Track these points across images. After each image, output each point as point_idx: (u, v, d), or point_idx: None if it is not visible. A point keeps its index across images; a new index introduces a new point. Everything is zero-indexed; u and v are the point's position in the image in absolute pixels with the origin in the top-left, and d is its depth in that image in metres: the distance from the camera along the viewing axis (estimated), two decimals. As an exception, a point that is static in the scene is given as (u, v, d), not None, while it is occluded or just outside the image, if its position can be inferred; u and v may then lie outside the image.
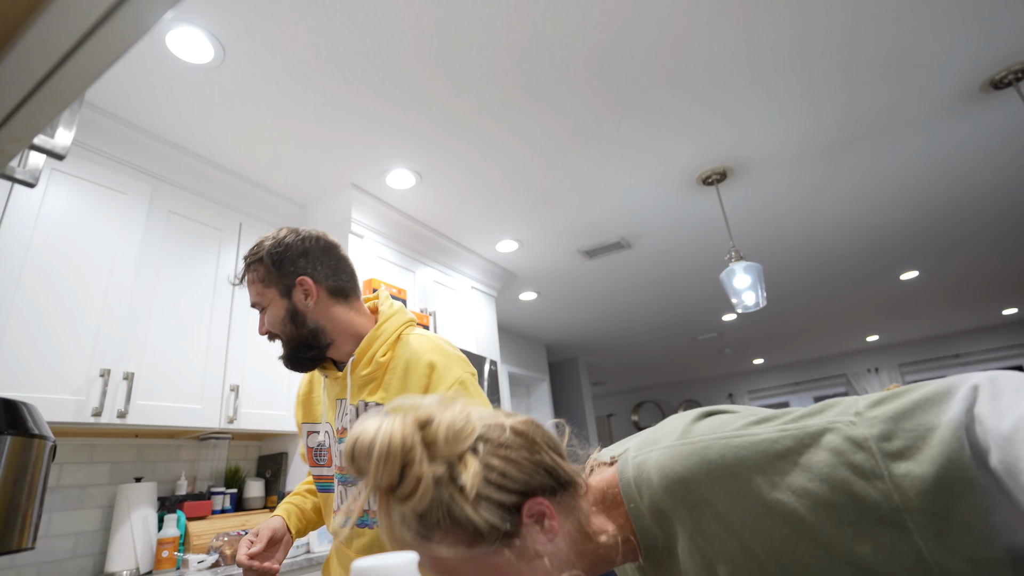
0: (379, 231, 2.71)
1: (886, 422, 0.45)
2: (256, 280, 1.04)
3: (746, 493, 0.48)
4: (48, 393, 1.59)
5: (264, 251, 1.04)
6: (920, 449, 0.43)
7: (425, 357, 1.01)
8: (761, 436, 0.49)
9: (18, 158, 0.52)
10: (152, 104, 1.91)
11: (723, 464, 0.50)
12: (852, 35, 1.89)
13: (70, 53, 0.30)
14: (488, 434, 0.54)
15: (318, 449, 1.08)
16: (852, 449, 0.45)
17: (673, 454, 0.54)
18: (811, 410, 0.50)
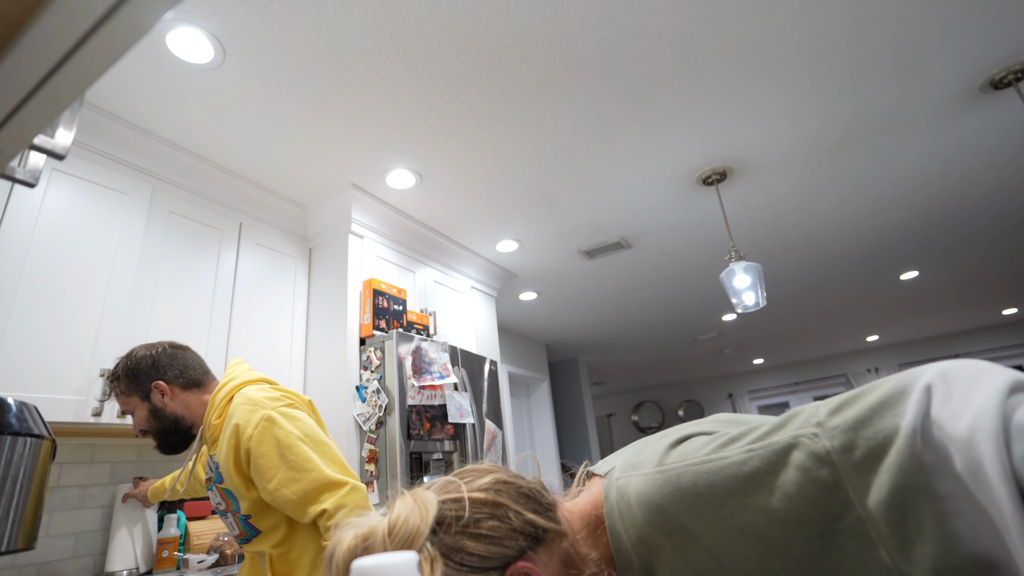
0: (379, 231, 2.71)
1: (846, 432, 0.45)
2: (120, 393, 1.27)
3: (720, 517, 0.49)
4: (48, 393, 1.59)
5: (120, 370, 1.27)
6: (879, 458, 0.43)
7: (234, 416, 1.23)
8: (729, 460, 0.50)
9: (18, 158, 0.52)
10: (152, 104, 1.91)
11: (695, 491, 0.51)
12: (852, 35, 1.89)
13: (70, 53, 0.30)
14: (448, 516, 0.53)
15: None
16: (816, 465, 0.45)
17: (650, 482, 0.55)
18: (776, 424, 0.50)
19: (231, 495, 1.24)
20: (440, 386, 2.35)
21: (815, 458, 0.45)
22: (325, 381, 2.35)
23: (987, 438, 0.38)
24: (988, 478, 0.37)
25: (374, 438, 2.18)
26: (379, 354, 2.30)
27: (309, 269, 2.62)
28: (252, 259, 2.33)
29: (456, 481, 0.58)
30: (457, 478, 0.59)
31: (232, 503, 1.25)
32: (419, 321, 2.64)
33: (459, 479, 0.59)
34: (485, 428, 2.60)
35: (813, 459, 0.45)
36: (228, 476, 1.22)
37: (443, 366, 2.42)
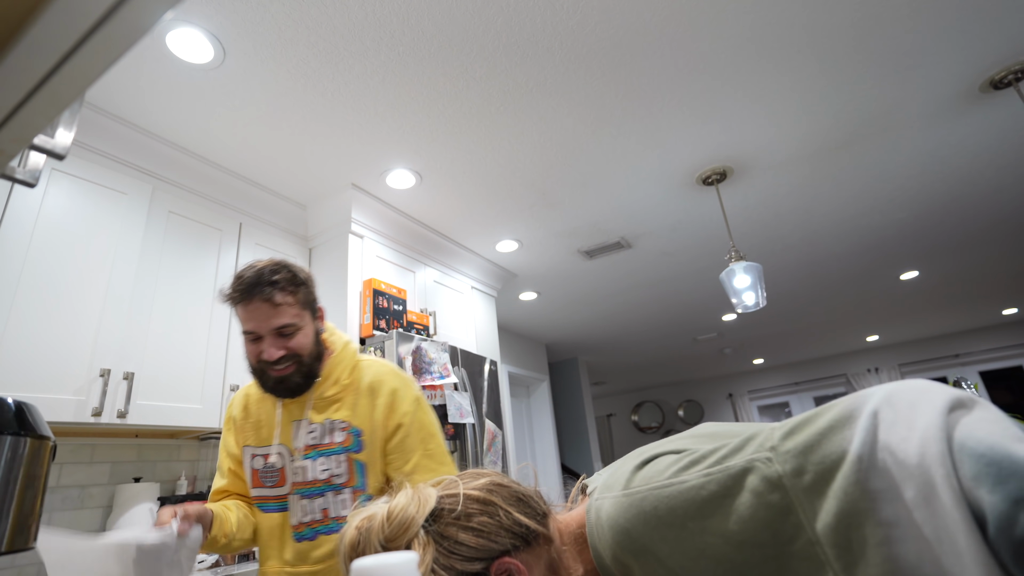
0: (379, 231, 2.71)
1: (797, 456, 0.46)
2: (295, 302, 1.08)
3: (681, 539, 0.51)
4: (48, 393, 1.59)
5: (302, 276, 1.11)
6: (827, 483, 0.44)
7: (388, 382, 1.16)
8: (688, 484, 0.52)
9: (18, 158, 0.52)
10: (152, 104, 1.91)
11: (656, 515, 0.53)
12: (852, 35, 1.89)
13: (70, 53, 0.30)
14: (443, 508, 0.58)
15: (266, 470, 1.12)
16: (768, 489, 0.46)
17: (617, 506, 0.57)
18: (734, 447, 0.52)
19: (362, 469, 1.10)
20: (440, 386, 2.35)
21: (767, 482, 0.46)
22: (325, 381, 2.35)
23: (936, 462, 0.38)
24: (942, 502, 0.38)
25: (374, 438, 2.18)
26: (379, 354, 2.30)
27: (309, 269, 2.62)
28: (252, 259, 2.33)
29: (456, 480, 0.62)
30: (457, 478, 0.62)
31: (358, 478, 1.09)
32: (419, 321, 2.64)
33: (458, 478, 0.62)
34: (485, 428, 2.60)
35: (766, 483, 0.46)
36: (373, 445, 1.10)
37: (443, 366, 2.42)
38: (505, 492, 0.61)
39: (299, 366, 1.08)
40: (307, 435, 1.10)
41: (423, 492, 0.59)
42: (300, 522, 1.08)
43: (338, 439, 1.10)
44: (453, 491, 0.59)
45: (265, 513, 1.12)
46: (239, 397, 1.24)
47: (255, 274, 1.05)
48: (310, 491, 1.09)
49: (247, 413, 1.19)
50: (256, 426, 1.16)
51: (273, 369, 1.06)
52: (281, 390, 1.09)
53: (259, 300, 1.04)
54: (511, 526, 0.58)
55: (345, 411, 1.12)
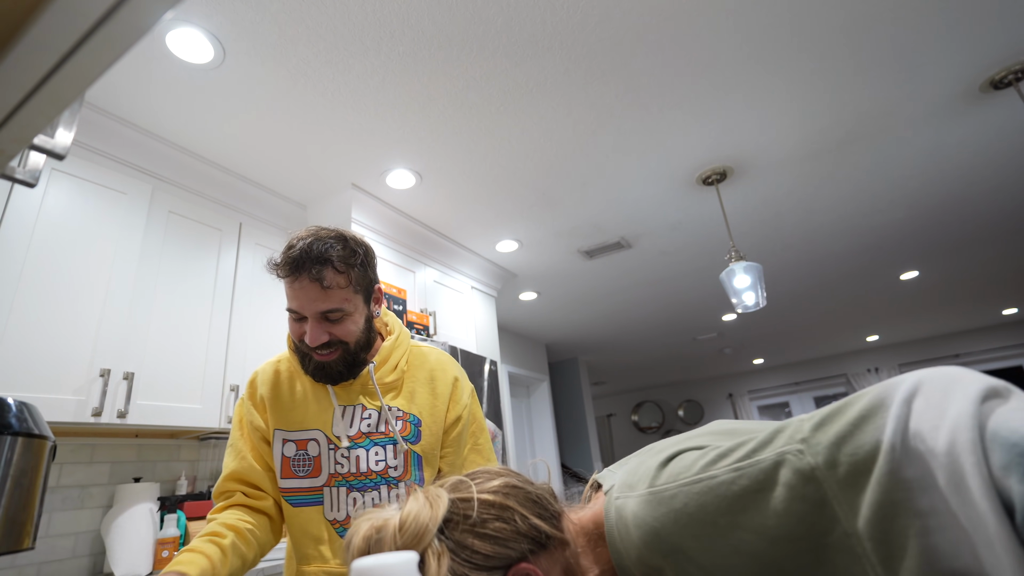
0: (379, 231, 2.71)
1: (829, 448, 0.46)
2: (347, 284, 0.95)
3: (713, 536, 0.50)
4: (48, 393, 1.59)
5: (360, 251, 0.98)
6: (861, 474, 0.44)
7: (450, 370, 1.10)
8: (719, 479, 0.51)
9: (18, 158, 0.52)
10: (152, 104, 1.91)
11: (687, 512, 0.52)
12: (852, 35, 1.89)
13: (70, 53, 0.30)
14: (456, 515, 0.56)
15: (298, 458, 1.00)
16: (802, 482, 0.46)
17: (644, 504, 0.56)
18: (763, 440, 0.51)
19: (418, 462, 1.02)
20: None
21: (800, 475, 0.46)
22: (325, 381, 2.35)
23: (965, 450, 0.38)
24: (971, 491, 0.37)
25: (374, 438, 2.18)
26: (379, 354, 2.30)
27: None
28: (252, 259, 2.33)
29: (467, 481, 0.60)
30: (469, 478, 0.61)
31: (414, 471, 1.01)
32: (419, 321, 2.64)
33: (470, 480, 0.60)
34: (485, 428, 2.60)
35: (799, 476, 0.46)
36: (432, 436, 1.03)
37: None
38: (520, 495, 0.59)
39: (344, 353, 0.98)
40: (361, 422, 1.00)
41: (434, 497, 0.57)
42: (349, 517, 0.97)
43: (395, 428, 1.01)
44: (466, 495, 0.58)
45: (296, 508, 0.99)
46: (268, 372, 1.08)
47: (306, 246, 0.92)
48: (362, 483, 0.98)
49: (277, 392, 1.05)
50: (288, 407, 1.03)
51: (316, 353, 0.97)
52: (322, 376, 1.00)
53: (307, 278, 0.92)
54: (527, 531, 0.56)
55: (403, 399, 1.04)
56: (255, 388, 1.07)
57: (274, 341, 2.32)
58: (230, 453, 1.04)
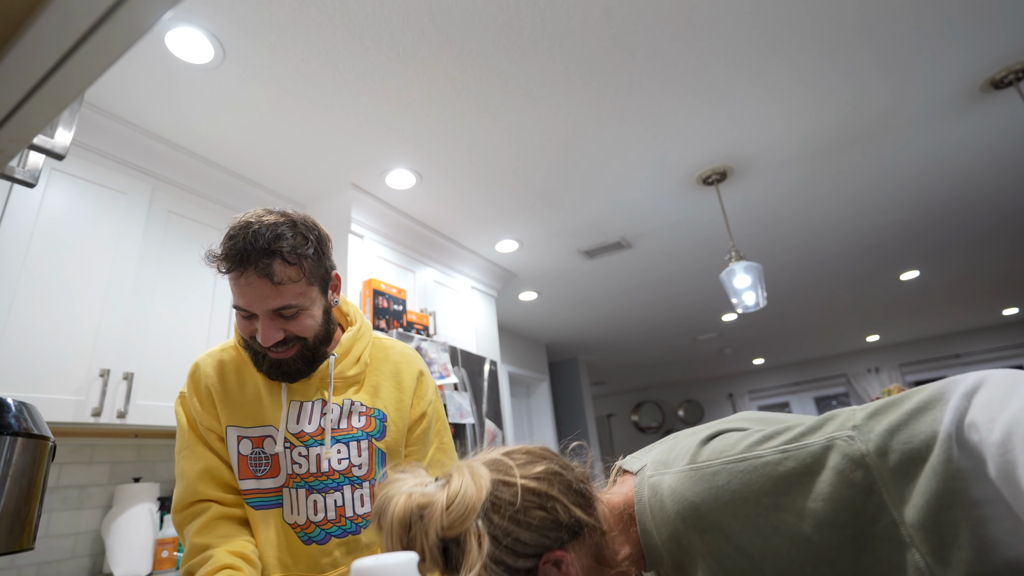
0: (379, 231, 2.71)
1: (882, 436, 0.45)
2: (298, 277, 0.84)
3: (754, 516, 0.50)
4: (48, 393, 1.59)
5: (312, 237, 0.87)
6: (914, 463, 0.43)
7: (415, 364, 1.04)
8: (765, 459, 0.51)
9: (18, 158, 0.52)
10: (152, 104, 1.91)
11: (730, 489, 0.51)
12: (853, 34, 1.89)
13: (70, 53, 0.30)
14: (500, 499, 0.55)
15: (255, 457, 0.90)
16: (851, 467, 0.46)
17: (684, 480, 0.55)
18: (812, 425, 0.51)
19: (382, 459, 0.95)
20: (440, 386, 2.35)
21: (850, 461, 0.46)
22: (325, 381, 2.35)
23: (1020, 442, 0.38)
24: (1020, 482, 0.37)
25: (374, 438, 2.18)
26: (379, 354, 2.30)
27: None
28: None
29: (508, 463, 0.58)
30: (510, 460, 0.59)
31: (379, 470, 0.94)
32: (419, 321, 2.64)
33: (511, 461, 0.59)
34: (485, 428, 2.60)
35: (848, 461, 0.46)
36: (397, 432, 0.97)
37: (443, 366, 2.42)
38: (562, 482, 0.58)
39: (303, 349, 0.89)
40: (322, 417, 0.92)
41: (478, 475, 0.55)
42: (309, 520, 0.89)
43: (358, 423, 0.94)
44: (509, 479, 0.56)
45: (257, 511, 0.90)
46: (211, 363, 0.96)
47: (251, 237, 0.81)
48: (323, 484, 0.90)
49: (225, 385, 0.94)
50: (239, 401, 0.93)
51: (271, 351, 0.88)
52: (278, 375, 0.91)
53: (253, 274, 0.81)
54: (567, 521, 0.56)
55: (365, 393, 0.97)
56: (198, 381, 0.95)
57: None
58: (187, 456, 0.92)
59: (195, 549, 0.86)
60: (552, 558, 0.54)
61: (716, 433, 0.59)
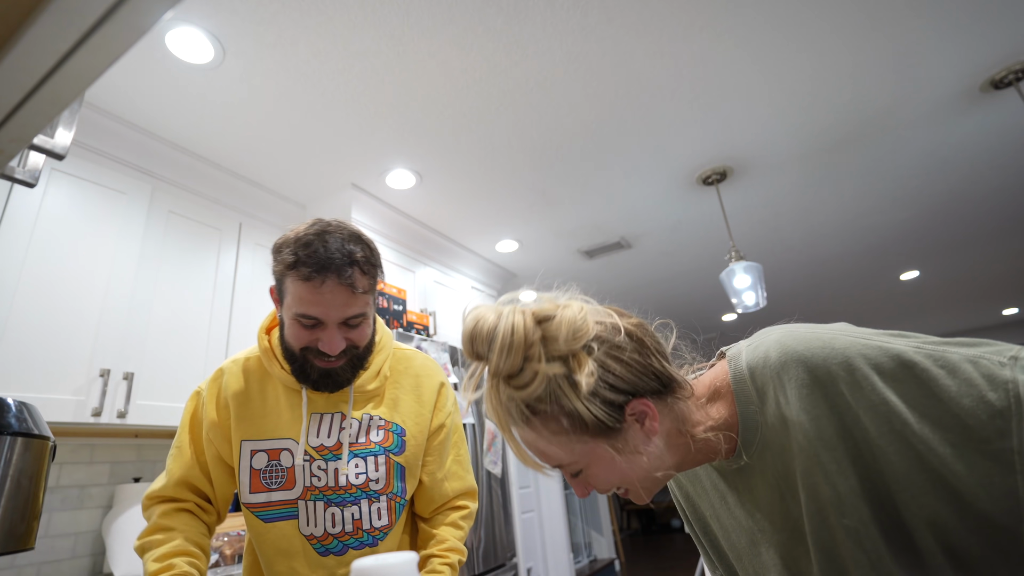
0: (379, 231, 2.71)
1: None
2: (369, 287, 0.87)
3: (858, 385, 0.49)
4: (48, 393, 1.59)
5: (376, 251, 0.90)
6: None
7: (435, 376, 1.05)
8: (894, 346, 0.50)
9: (18, 158, 0.52)
10: (152, 104, 1.91)
11: (845, 354, 0.51)
12: (852, 35, 1.89)
13: (70, 53, 0.30)
14: (604, 334, 0.56)
15: (269, 470, 0.91)
16: (989, 386, 0.45)
17: (796, 335, 0.55)
18: (958, 340, 0.50)
19: (401, 473, 0.95)
20: (440, 386, 2.35)
21: (991, 380, 0.46)
22: (325, 381, 2.35)
23: None
24: None
25: (374, 438, 2.18)
26: (379, 354, 2.30)
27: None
28: (252, 259, 2.33)
29: (608, 310, 0.60)
30: (606, 307, 0.61)
31: (396, 483, 0.94)
32: (419, 321, 2.64)
33: (611, 309, 0.60)
34: (485, 428, 2.60)
35: (988, 380, 0.46)
36: (416, 446, 0.97)
37: (443, 366, 2.42)
38: (651, 337, 0.60)
39: (353, 358, 0.90)
40: (341, 432, 0.93)
41: (589, 309, 0.57)
42: (327, 533, 0.90)
43: (376, 438, 0.94)
44: (609, 319, 0.58)
45: (268, 524, 0.90)
46: (237, 372, 0.97)
47: (335, 246, 0.82)
48: (341, 498, 0.90)
49: (247, 396, 0.94)
50: (258, 413, 0.93)
51: (324, 360, 0.88)
52: (327, 384, 0.90)
53: (336, 282, 0.82)
54: (656, 369, 0.57)
55: (385, 407, 0.97)
56: (220, 389, 0.96)
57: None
58: (175, 457, 0.94)
59: (158, 527, 0.88)
60: (640, 406, 0.55)
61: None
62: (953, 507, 0.46)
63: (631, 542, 7.78)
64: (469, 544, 2.30)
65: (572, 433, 0.54)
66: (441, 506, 1.01)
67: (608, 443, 0.55)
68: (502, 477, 2.68)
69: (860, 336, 0.52)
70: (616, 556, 5.73)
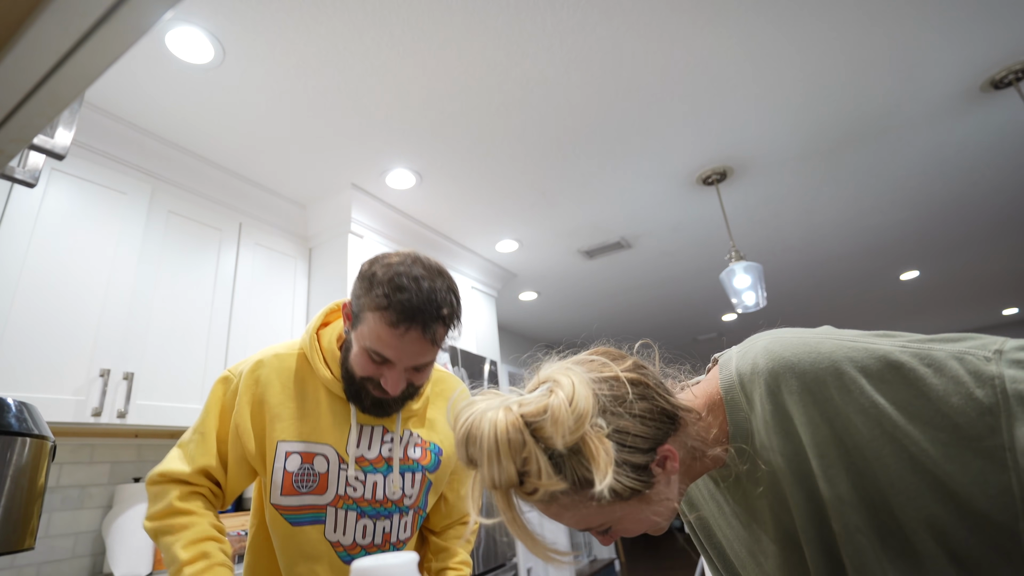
0: (379, 231, 2.71)
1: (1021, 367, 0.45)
2: (444, 337, 0.88)
3: (847, 390, 0.49)
4: (48, 393, 1.59)
5: (460, 308, 0.90)
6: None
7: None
8: (880, 347, 0.50)
9: (18, 158, 0.52)
10: (152, 104, 1.91)
11: (832, 358, 0.50)
12: (852, 34, 1.89)
13: (70, 53, 0.29)
14: (606, 398, 0.52)
15: (302, 473, 0.88)
16: (976, 383, 0.45)
17: (783, 341, 0.54)
18: (943, 336, 0.50)
19: (428, 489, 0.98)
20: (440, 386, 2.35)
21: (977, 377, 0.45)
22: (325, 381, 2.35)
23: None
24: None
25: (374, 438, 2.18)
26: (379, 354, 2.30)
27: (309, 269, 2.62)
28: (252, 259, 2.33)
29: (597, 361, 0.55)
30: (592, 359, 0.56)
31: (423, 499, 0.97)
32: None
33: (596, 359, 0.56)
34: (485, 428, 2.60)
35: (975, 377, 0.45)
36: (447, 465, 1.00)
37: (443, 366, 2.42)
38: (651, 375, 0.56)
39: (408, 392, 0.90)
40: (382, 446, 0.93)
41: (578, 376, 0.50)
42: (355, 543, 0.90)
43: (414, 455, 0.96)
44: (607, 373, 0.53)
45: (295, 527, 0.89)
46: (279, 368, 0.94)
47: (426, 297, 0.82)
48: (376, 511, 0.91)
49: (287, 394, 0.92)
50: (298, 414, 0.91)
51: (381, 392, 0.88)
52: (378, 411, 0.91)
53: (419, 333, 0.81)
54: (666, 410, 0.55)
55: (424, 426, 0.99)
56: (256, 382, 0.92)
57: (274, 342, 2.32)
58: (198, 443, 0.91)
59: (177, 510, 0.86)
60: (662, 454, 0.53)
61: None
62: (949, 507, 0.46)
63: (631, 542, 7.78)
64: (469, 544, 2.30)
65: (604, 505, 0.51)
66: (454, 521, 1.05)
67: (639, 500, 0.53)
68: (502, 477, 2.68)
69: (846, 339, 0.52)
70: (616, 556, 5.73)
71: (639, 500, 0.52)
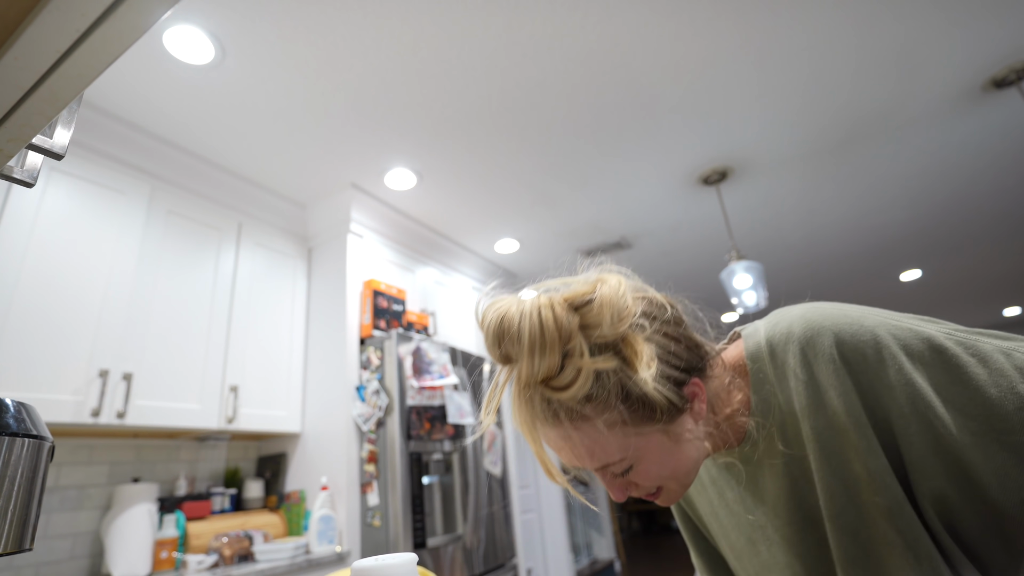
0: (379, 231, 2.71)
1: None
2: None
3: (884, 364, 0.48)
4: (47, 393, 1.59)
5: None
6: None
7: None
8: (924, 328, 0.49)
9: (16, 158, 0.52)
10: (151, 104, 1.91)
11: (874, 332, 0.49)
12: (853, 35, 1.89)
13: (69, 52, 0.29)
14: (650, 310, 0.52)
15: None
16: (1020, 378, 0.45)
17: (822, 310, 0.53)
18: (990, 332, 0.49)
19: None
20: (440, 387, 2.35)
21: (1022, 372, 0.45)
22: (325, 381, 2.35)
23: None
24: None
25: (374, 438, 2.18)
26: (379, 354, 2.30)
27: (309, 269, 2.62)
28: (251, 259, 2.33)
29: (637, 283, 0.56)
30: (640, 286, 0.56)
31: None
32: (419, 321, 2.64)
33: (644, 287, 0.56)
34: (485, 428, 2.60)
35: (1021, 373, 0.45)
36: None
37: (443, 366, 2.42)
38: (685, 308, 0.56)
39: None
40: None
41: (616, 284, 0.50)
42: None
43: None
44: (649, 294, 0.54)
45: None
46: None
47: None
48: None
49: None
50: None
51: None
52: None
53: None
54: (699, 343, 0.54)
55: None
56: None
57: (274, 342, 2.32)
58: None
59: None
60: (692, 390, 0.51)
61: None
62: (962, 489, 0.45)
63: (631, 542, 7.78)
64: (470, 545, 2.30)
65: (631, 424, 0.49)
66: None
67: (665, 431, 0.50)
68: (502, 477, 2.68)
69: (890, 316, 0.51)
70: (616, 556, 5.73)
71: (665, 432, 0.50)
